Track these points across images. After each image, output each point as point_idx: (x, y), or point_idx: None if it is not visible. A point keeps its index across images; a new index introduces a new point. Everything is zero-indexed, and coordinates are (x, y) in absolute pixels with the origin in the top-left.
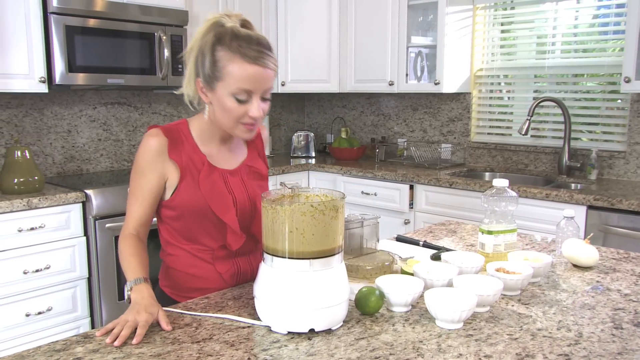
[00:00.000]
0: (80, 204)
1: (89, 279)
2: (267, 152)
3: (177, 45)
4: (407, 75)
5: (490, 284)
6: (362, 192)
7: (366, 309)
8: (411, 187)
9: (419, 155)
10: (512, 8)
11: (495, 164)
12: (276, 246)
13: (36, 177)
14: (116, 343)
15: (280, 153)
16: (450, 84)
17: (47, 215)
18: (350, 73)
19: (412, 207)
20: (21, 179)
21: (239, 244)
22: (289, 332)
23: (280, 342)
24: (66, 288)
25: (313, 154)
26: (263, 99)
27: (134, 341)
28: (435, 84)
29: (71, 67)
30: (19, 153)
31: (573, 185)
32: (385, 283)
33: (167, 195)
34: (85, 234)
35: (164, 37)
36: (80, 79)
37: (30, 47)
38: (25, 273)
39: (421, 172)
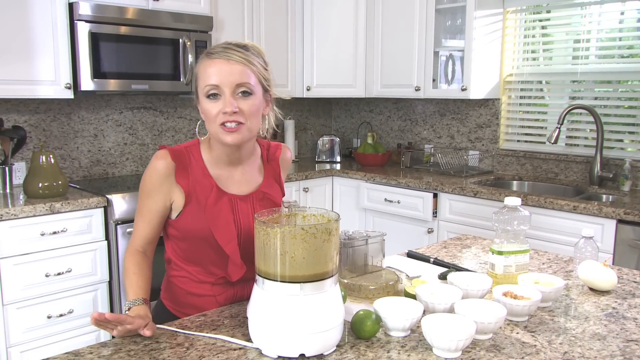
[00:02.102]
0: (102, 209)
1: (110, 283)
2: (292, 157)
3: (202, 50)
4: (434, 80)
5: (493, 311)
6: (386, 200)
7: (362, 333)
8: (435, 196)
9: (445, 162)
10: (548, 11)
11: (524, 173)
12: (267, 269)
13: (60, 182)
14: (92, 322)
15: (306, 157)
16: (477, 90)
17: (69, 220)
18: (377, 78)
19: (435, 216)
20: (45, 184)
21: (239, 275)
22: (279, 357)
23: None
24: (87, 291)
25: (338, 159)
26: (243, 95)
27: (115, 332)
28: (462, 90)
29: (96, 73)
30: (44, 158)
31: (604, 196)
32: (382, 306)
33: (173, 216)
34: (107, 238)
35: (189, 43)
36: (105, 85)
37: (57, 53)
38: (47, 276)
39: (446, 180)
